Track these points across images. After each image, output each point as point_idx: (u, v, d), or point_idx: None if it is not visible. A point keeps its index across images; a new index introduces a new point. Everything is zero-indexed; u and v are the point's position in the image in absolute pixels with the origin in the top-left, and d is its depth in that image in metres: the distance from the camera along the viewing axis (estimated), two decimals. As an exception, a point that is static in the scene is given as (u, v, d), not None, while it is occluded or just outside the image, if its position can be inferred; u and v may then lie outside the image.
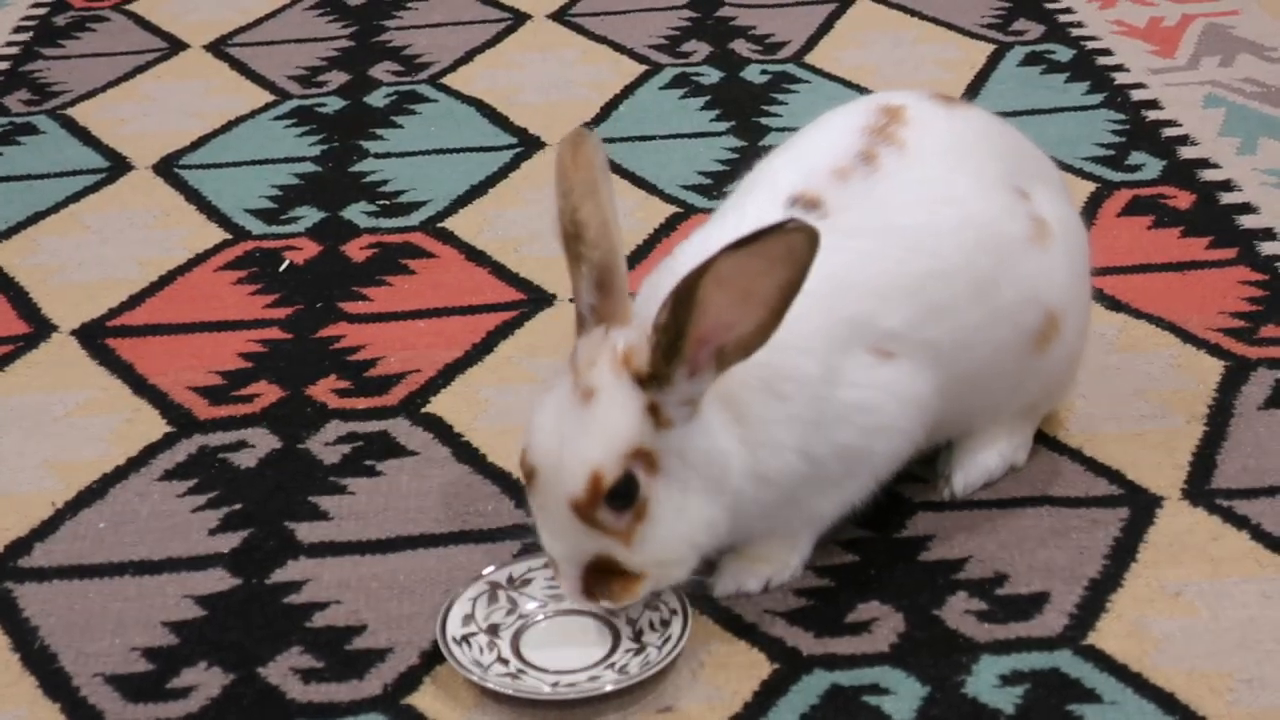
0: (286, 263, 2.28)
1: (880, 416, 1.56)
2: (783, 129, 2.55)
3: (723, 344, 1.42)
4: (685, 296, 1.38)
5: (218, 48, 2.99)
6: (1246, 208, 2.28)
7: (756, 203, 1.60)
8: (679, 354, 1.41)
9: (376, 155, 2.57)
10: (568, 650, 1.57)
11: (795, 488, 1.56)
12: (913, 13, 2.98)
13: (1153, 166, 2.41)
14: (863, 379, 1.55)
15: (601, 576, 1.50)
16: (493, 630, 1.59)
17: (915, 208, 1.60)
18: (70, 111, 2.75)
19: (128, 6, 3.19)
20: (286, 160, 2.56)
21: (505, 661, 1.55)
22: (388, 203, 2.42)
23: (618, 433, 1.43)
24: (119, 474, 1.87)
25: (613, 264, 1.49)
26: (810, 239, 1.37)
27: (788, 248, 1.37)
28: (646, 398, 1.44)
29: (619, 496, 1.45)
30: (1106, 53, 2.78)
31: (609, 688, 1.51)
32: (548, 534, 1.50)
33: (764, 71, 2.79)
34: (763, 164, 1.68)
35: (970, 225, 1.61)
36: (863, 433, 1.56)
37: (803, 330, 1.50)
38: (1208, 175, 2.37)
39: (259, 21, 3.10)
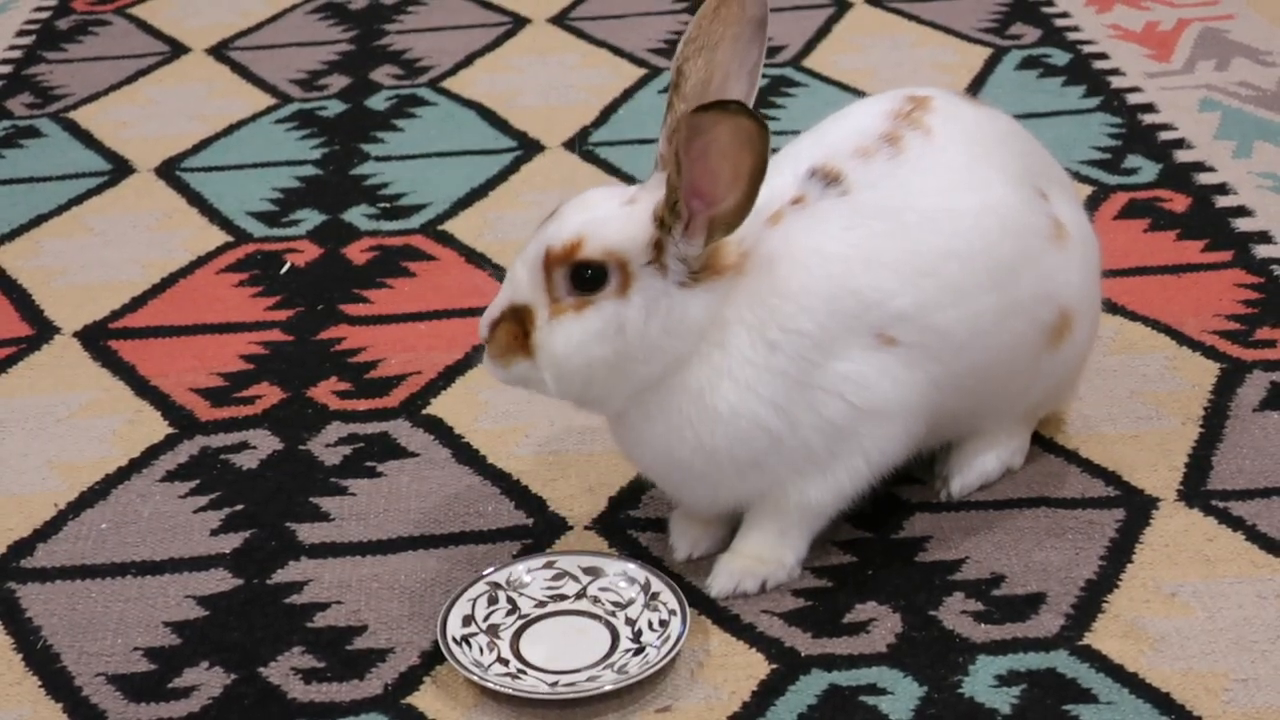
0: (288, 265, 2.29)
1: (872, 395, 1.57)
2: (781, 132, 2.55)
3: (713, 215, 1.51)
4: (672, 152, 1.50)
5: (219, 51, 3.00)
6: (1242, 211, 2.29)
7: (780, 175, 1.62)
8: (676, 209, 1.52)
9: (377, 158, 2.57)
10: (567, 650, 1.58)
11: (764, 452, 1.57)
12: (910, 17, 2.99)
13: (1149, 170, 2.42)
14: (859, 356, 1.56)
15: (511, 329, 1.56)
16: (493, 630, 1.60)
17: (937, 190, 1.61)
18: (73, 115, 2.76)
19: (130, 10, 3.20)
20: (288, 163, 2.57)
21: (505, 661, 1.56)
22: (388, 205, 2.43)
23: (620, 230, 1.53)
24: (121, 475, 1.88)
25: (684, 122, 1.54)
26: (759, 125, 1.46)
27: (736, 126, 1.45)
28: (656, 233, 1.53)
29: (582, 274, 1.53)
30: (1103, 56, 2.79)
31: (608, 687, 1.52)
32: (516, 261, 1.57)
33: (762, 75, 2.78)
34: (787, 147, 1.70)
35: (993, 212, 1.62)
36: (851, 410, 1.57)
37: (811, 287, 1.55)
38: (1203, 178, 2.38)
39: (260, 25, 3.11)
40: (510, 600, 1.63)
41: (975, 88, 2.70)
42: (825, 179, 1.61)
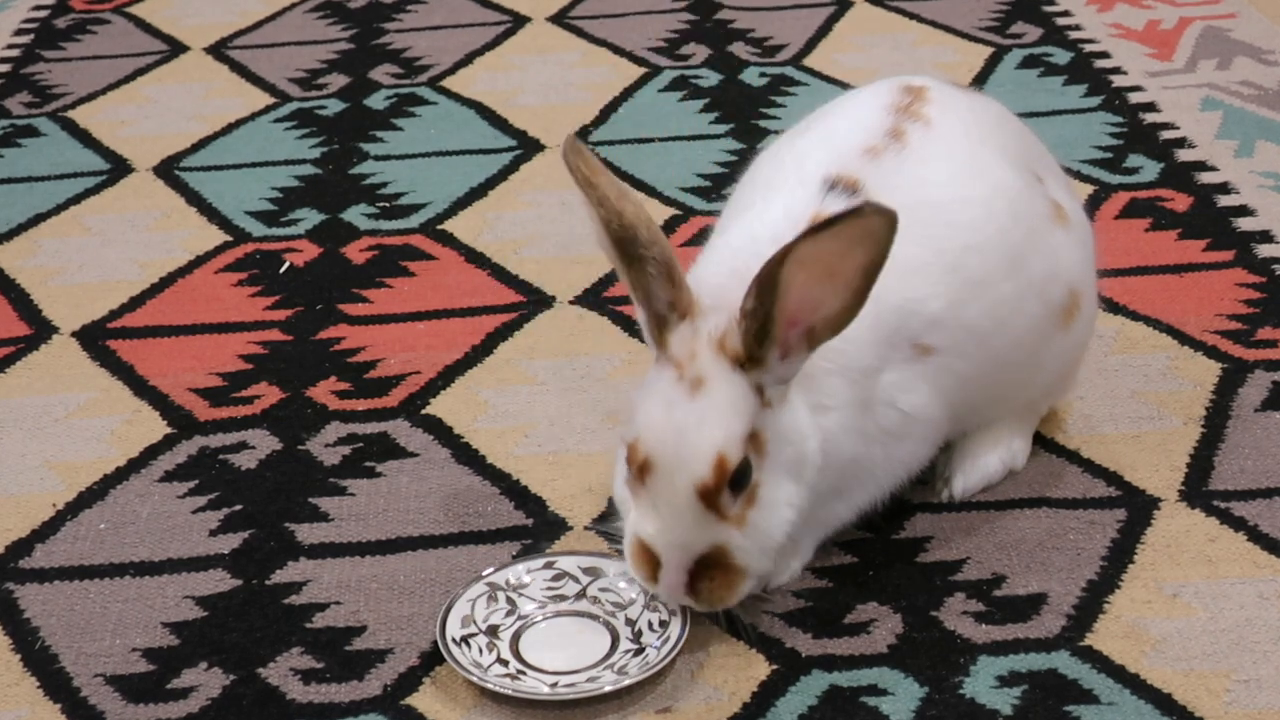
0: (287, 265, 2.28)
1: (917, 398, 1.57)
2: (781, 132, 2.55)
3: (811, 324, 1.44)
4: (769, 281, 1.40)
5: (218, 50, 2.99)
6: (1244, 210, 2.29)
7: (789, 186, 1.59)
8: (769, 336, 1.43)
9: (376, 157, 2.57)
10: (567, 651, 1.57)
11: (850, 478, 1.58)
12: (911, 15, 2.99)
13: (1150, 169, 2.42)
14: (903, 368, 1.57)
15: (703, 574, 1.49)
16: (492, 631, 1.59)
17: (947, 182, 1.61)
18: (71, 114, 2.76)
19: (128, 9, 3.20)
20: (286, 162, 2.57)
21: (505, 662, 1.56)
22: (387, 205, 2.43)
23: (736, 415, 1.44)
24: (119, 475, 1.87)
25: (672, 257, 1.49)
26: (889, 221, 1.38)
27: (865, 230, 1.38)
28: (752, 379, 1.45)
29: (740, 480, 1.45)
30: (1104, 55, 2.79)
31: (608, 688, 1.51)
32: (664, 526, 1.47)
33: (763, 74, 2.79)
34: (780, 149, 1.68)
35: (1000, 195, 1.62)
36: (902, 417, 1.57)
37: (862, 319, 1.50)
38: (1205, 178, 2.38)
39: (259, 24, 3.11)
40: (510, 601, 1.63)
41: (976, 86, 2.69)
42: (847, 190, 1.57)
